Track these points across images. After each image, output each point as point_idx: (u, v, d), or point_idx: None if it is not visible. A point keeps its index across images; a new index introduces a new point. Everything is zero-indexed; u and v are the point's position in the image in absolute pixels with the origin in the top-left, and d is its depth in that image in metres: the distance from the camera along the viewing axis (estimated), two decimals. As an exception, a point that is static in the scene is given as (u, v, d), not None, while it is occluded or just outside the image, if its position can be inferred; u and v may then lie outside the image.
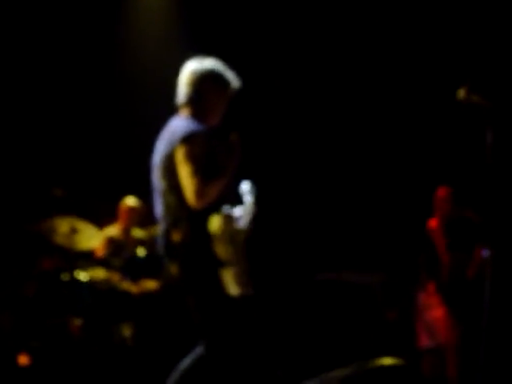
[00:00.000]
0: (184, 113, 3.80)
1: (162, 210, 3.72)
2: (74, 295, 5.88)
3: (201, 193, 3.53)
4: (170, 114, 3.84)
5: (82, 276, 5.97)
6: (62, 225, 6.09)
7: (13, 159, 6.83)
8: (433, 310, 5.46)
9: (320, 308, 6.56)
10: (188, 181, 3.55)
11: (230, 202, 3.73)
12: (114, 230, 6.58)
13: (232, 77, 3.86)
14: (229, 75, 3.84)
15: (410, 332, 5.74)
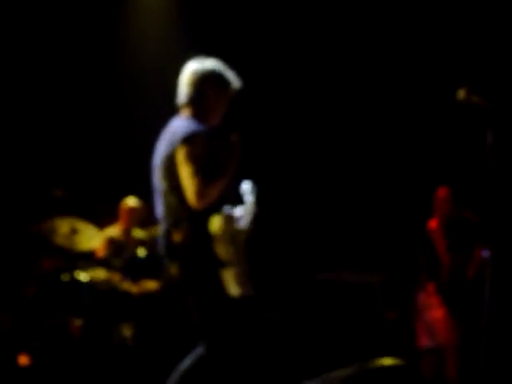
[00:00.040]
0: (185, 113, 3.80)
1: (162, 211, 3.72)
2: (74, 295, 5.88)
3: (201, 193, 3.53)
4: (171, 114, 3.84)
5: (83, 276, 5.97)
6: (63, 225, 6.09)
7: (13, 160, 6.83)
8: (432, 311, 5.46)
9: (320, 308, 6.56)
10: (189, 181, 3.55)
11: (230, 202, 3.74)
12: (114, 231, 6.58)
13: (233, 77, 3.85)
14: (229, 75, 3.84)
15: (409, 332, 5.74)
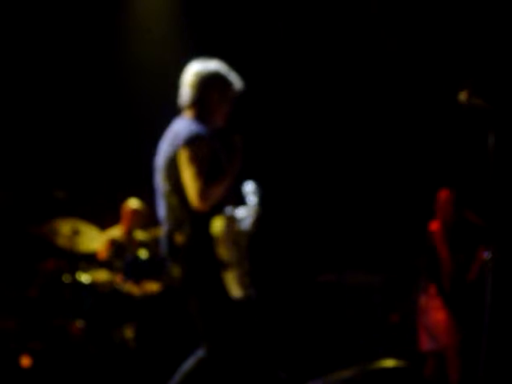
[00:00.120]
0: (187, 114, 3.80)
1: (164, 212, 3.73)
2: (76, 297, 5.88)
3: (204, 195, 3.54)
4: (174, 115, 3.84)
5: (84, 278, 5.98)
6: (64, 227, 6.09)
7: (15, 161, 6.82)
8: (434, 313, 5.45)
9: (322, 310, 6.56)
10: (191, 183, 3.55)
11: (232, 203, 3.74)
12: (116, 232, 6.59)
13: (235, 79, 3.86)
14: (232, 77, 3.84)
15: (411, 334, 5.74)
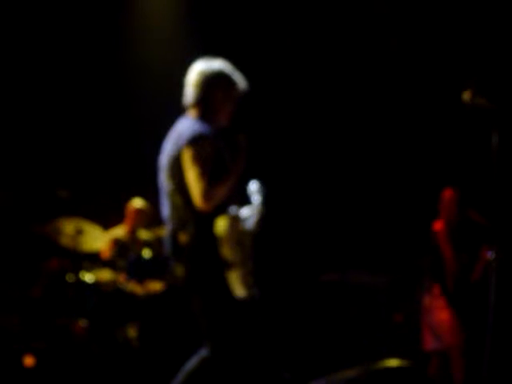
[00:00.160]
0: (192, 114, 3.79)
1: (168, 211, 3.72)
2: (79, 296, 5.89)
3: (208, 195, 3.53)
4: (178, 114, 3.84)
5: (88, 277, 5.98)
6: (68, 226, 6.10)
7: (18, 161, 6.83)
8: (438, 312, 5.45)
9: (325, 310, 6.56)
10: (195, 183, 3.55)
11: (236, 203, 3.74)
12: (120, 232, 6.59)
13: (239, 78, 3.85)
14: (236, 76, 3.83)
15: (415, 334, 5.73)
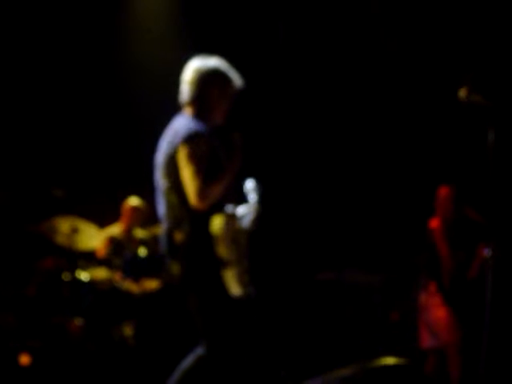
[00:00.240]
0: (187, 112, 3.78)
1: (164, 209, 3.72)
2: (75, 295, 5.88)
3: (203, 194, 3.53)
4: (174, 112, 3.83)
5: (83, 276, 5.97)
6: (63, 225, 6.09)
7: (13, 159, 6.81)
8: (434, 310, 5.45)
9: (322, 308, 6.55)
10: (190, 181, 3.54)
11: (232, 201, 3.73)
12: (115, 230, 6.58)
13: (235, 76, 3.84)
14: (232, 74, 3.82)
15: (411, 332, 5.73)
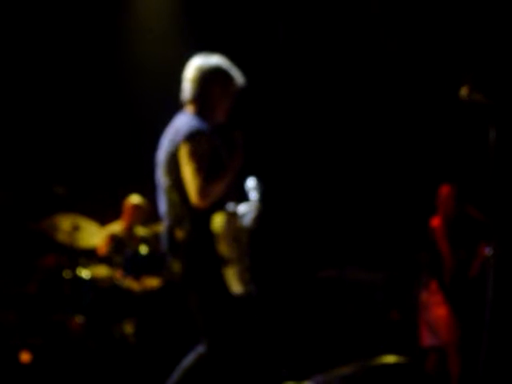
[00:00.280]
0: (189, 110, 3.78)
1: (165, 208, 3.72)
2: (75, 292, 5.89)
3: (204, 192, 3.52)
4: (175, 110, 3.83)
5: (84, 273, 5.98)
6: (64, 222, 6.10)
7: (15, 157, 6.82)
8: (435, 309, 5.45)
9: (323, 306, 6.55)
10: (191, 179, 3.54)
11: (234, 199, 3.73)
12: (116, 228, 6.58)
13: (237, 74, 3.83)
14: (234, 72, 3.82)
15: (412, 330, 5.74)
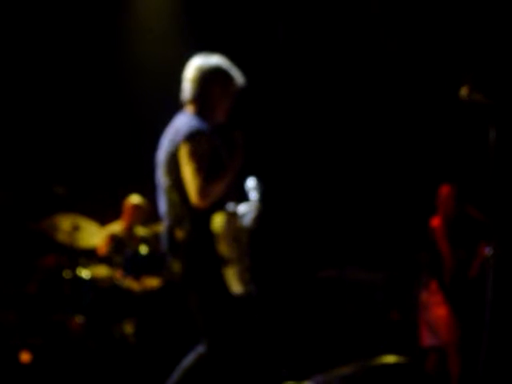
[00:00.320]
0: (189, 110, 3.78)
1: (165, 208, 3.72)
2: (75, 292, 5.88)
3: (203, 192, 3.52)
4: (175, 110, 3.83)
5: (84, 273, 5.97)
6: (64, 222, 6.10)
7: (15, 157, 6.82)
8: (435, 308, 5.46)
9: (323, 306, 6.55)
10: (191, 179, 3.54)
11: (234, 199, 3.73)
12: (116, 228, 6.58)
13: (237, 74, 3.83)
14: (234, 72, 3.82)
15: (412, 330, 5.74)
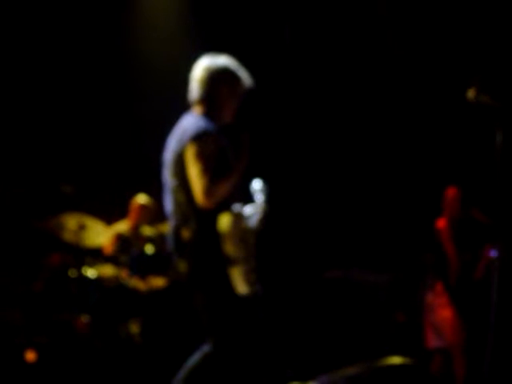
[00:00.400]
0: (196, 110, 3.79)
1: (171, 207, 3.73)
2: (81, 292, 5.89)
3: (209, 192, 3.53)
4: (182, 111, 3.83)
5: (90, 273, 5.98)
6: (71, 221, 6.10)
7: (22, 156, 6.83)
8: (440, 310, 5.46)
9: (328, 307, 6.55)
10: (197, 180, 3.55)
11: (239, 200, 3.74)
12: (123, 227, 6.59)
13: (244, 75, 3.84)
14: (241, 73, 3.82)
15: (417, 332, 5.74)
